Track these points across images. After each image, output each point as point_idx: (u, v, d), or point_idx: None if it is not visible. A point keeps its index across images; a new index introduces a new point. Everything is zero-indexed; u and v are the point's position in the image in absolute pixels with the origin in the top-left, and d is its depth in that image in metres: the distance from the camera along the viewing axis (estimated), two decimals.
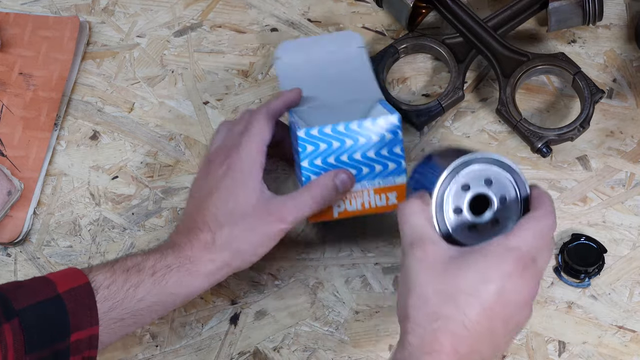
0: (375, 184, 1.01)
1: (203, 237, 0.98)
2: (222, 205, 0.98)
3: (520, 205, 0.89)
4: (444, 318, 0.84)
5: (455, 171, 0.88)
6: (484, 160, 0.89)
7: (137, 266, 0.96)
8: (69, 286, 0.93)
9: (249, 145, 1.00)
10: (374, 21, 1.18)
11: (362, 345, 1.04)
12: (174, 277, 0.96)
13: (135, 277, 0.95)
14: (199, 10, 1.20)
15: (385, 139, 1.00)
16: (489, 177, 0.89)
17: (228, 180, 0.99)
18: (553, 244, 0.89)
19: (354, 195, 1.01)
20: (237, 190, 0.98)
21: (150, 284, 0.95)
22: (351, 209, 1.01)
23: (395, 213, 0.90)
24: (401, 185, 1.01)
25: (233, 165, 0.99)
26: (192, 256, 0.97)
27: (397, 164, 1.01)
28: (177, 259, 0.97)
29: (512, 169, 0.89)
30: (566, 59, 1.10)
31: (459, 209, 0.89)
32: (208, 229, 0.98)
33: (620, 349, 1.03)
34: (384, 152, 1.00)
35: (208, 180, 1.00)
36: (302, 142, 0.99)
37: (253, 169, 0.99)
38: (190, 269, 0.97)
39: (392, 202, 1.01)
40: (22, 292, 0.92)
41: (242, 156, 0.99)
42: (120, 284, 0.95)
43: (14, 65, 1.16)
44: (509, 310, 0.85)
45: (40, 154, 1.12)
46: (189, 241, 0.98)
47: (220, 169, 1.00)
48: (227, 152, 1.00)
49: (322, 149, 1.00)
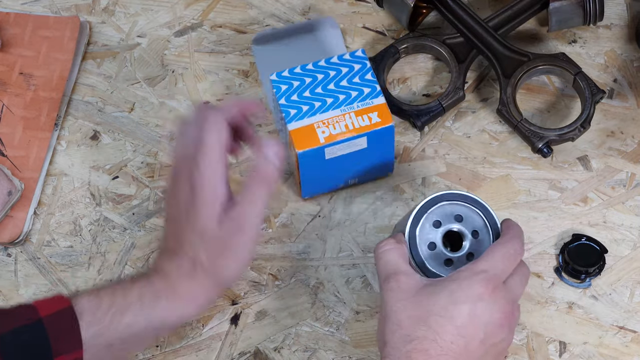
0: (355, 107, 1.04)
1: (184, 264, 0.94)
2: (193, 229, 0.94)
3: (492, 238, 0.96)
4: (418, 339, 0.88)
5: (425, 209, 0.96)
6: (452, 197, 0.97)
7: (123, 291, 0.93)
8: (51, 311, 0.90)
9: (207, 156, 0.94)
10: (375, 21, 1.18)
11: (363, 346, 1.04)
12: (162, 303, 0.93)
13: (121, 301, 0.92)
14: (199, 10, 1.20)
15: (354, 69, 1.05)
16: (459, 213, 0.97)
17: (195, 201, 0.94)
18: (525, 267, 0.94)
19: (336, 120, 1.03)
20: (203, 210, 0.94)
21: (138, 309, 0.93)
22: (336, 132, 1.03)
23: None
24: (381, 105, 1.04)
25: (195, 183, 0.94)
26: (176, 282, 0.94)
27: (371, 88, 1.05)
28: (164, 287, 0.94)
29: (481, 205, 0.96)
30: (567, 59, 1.10)
31: (433, 244, 0.96)
32: (185, 253, 0.94)
33: (621, 349, 1.03)
34: (356, 80, 1.05)
35: (177, 200, 0.96)
36: (276, 83, 1.04)
37: (215, 182, 0.94)
38: (176, 295, 0.94)
39: (376, 121, 1.03)
40: (2, 318, 0.90)
41: (202, 170, 0.94)
42: (105, 308, 0.92)
43: (14, 65, 1.16)
44: (484, 330, 0.89)
45: (41, 154, 1.12)
46: (171, 267, 0.94)
47: (185, 187, 0.95)
48: (188, 165, 0.95)
49: (296, 85, 1.05)
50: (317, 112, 1.03)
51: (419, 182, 1.10)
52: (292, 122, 1.03)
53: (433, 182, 1.10)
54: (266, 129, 1.13)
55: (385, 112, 1.03)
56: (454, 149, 1.12)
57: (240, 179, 1.11)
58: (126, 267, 1.08)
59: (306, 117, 1.03)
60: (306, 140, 1.03)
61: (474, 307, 0.88)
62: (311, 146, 1.02)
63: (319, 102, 1.04)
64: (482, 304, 0.88)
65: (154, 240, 1.09)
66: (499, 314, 0.89)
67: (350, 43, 1.17)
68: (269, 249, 1.08)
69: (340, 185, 1.10)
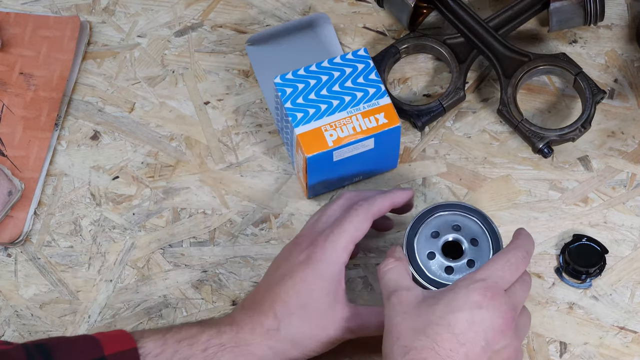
0: (361, 108, 1.04)
1: (267, 323, 0.94)
2: (295, 296, 0.95)
3: (491, 244, 0.98)
4: (416, 349, 0.88)
5: (422, 219, 0.98)
6: (448, 206, 0.98)
7: (190, 339, 0.93)
8: (116, 349, 0.90)
9: (338, 240, 0.96)
10: (375, 21, 1.18)
11: (363, 347, 1.04)
12: (226, 356, 0.93)
13: (186, 350, 0.92)
14: (199, 10, 1.20)
15: (358, 69, 1.05)
16: (456, 222, 0.98)
17: (307, 270, 0.95)
18: (527, 274, 0.94)
19: (343, 123, 1.03)
20: (314, 284, 0.95)
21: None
22: (343, 135, 1.03)
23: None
24: (387, 105, 1.04)
25: (314, 256, 0.96)
26: (250, 339, 0.94)
27: (376, 88, 1.04)
28: (233, 339, 0.94)
29: (478, 213, 0.98)
30: (567, 60, 1.10)
31: (433, 254, 0.98)
32: (274, 315, 0.94)
33: (621, 349, 1.03)
34: (360, 80, 1.05)
35: (287, 263, 0.97)
36: (280, 86, 1.04)
37: (335, 265, 0.96)
38: (245, 352, 0.94)
39: (383, 122, 1.03)
40: (67, 349, 0.89)
41: (327, 249, 0.96)
42: (168, 355, 0.92)
43: (14, 65, 1.16)
44: (485, 337, 0.88)
45: (41, 154, 1.12)
46: (251, 324, 0.95)
47: (301, 255, 0.96)
48: (314, 239, 0.97)
49: (301, 88, 1.04)
50: (324, 115, 1.03)
51: (420, 182, 1.10)
52: (299, 126, 1.03)
53: (434, 182, 1.10)
54: (266, 129, 1.13)
55: (391, 113, 1.03)
56: (455, 149, 1.12)
57: (241, 180, 1.11)
58: (126, 268, 1.08)
59: (313, 121, 1.03)
60: (314, 144, 1.02)
61: (472, 314, 0.88)
62: (320, 150, 1.02)
63: (325, 105, 1.03)
64: (481, 311, 0.88)
65: (154, 241, 1.09)
66: (500, 319, 0.89)
67: (351, 43, 1.17)
68: (269, 249, 1.08)
69: (345, 184, 1.10)
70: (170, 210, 1.10)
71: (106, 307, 1.06)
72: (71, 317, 1.06)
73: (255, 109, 1.14)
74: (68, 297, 1.07)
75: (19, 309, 1.07)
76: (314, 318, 0.95)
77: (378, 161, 1.07)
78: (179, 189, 1.11)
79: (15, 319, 1.06)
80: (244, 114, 1.14)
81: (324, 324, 0.95)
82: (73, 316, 1.06)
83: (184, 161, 1.12)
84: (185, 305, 1.06)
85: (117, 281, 1.08)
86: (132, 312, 1.06)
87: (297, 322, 0.94)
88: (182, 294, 1.07)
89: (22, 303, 1.07)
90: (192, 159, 1.12)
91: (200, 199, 1.10)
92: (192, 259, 1.08)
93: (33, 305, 1.07)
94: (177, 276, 1.08)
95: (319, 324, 0.95)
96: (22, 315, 1.06)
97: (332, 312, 0.95)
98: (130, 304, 1.07)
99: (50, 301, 1.07)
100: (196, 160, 1.12)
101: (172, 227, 1.09)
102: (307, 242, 0.97)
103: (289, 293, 0.95)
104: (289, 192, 1.10)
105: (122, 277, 1.08)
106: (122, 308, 1.06)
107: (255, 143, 1.13)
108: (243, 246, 1.08)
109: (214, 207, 1.10)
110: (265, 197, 1.10)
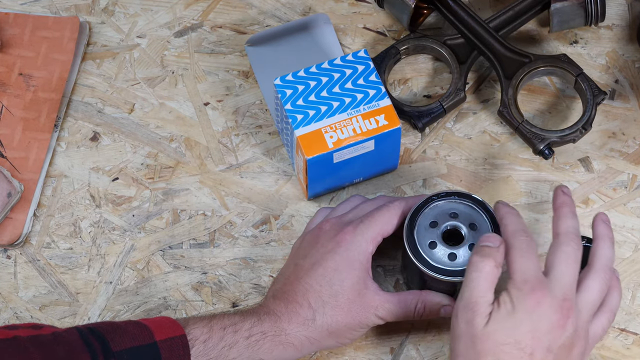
0: (361, 110, 1.04)
1: (303, 313, 0.96)
2: (327, 285, 0.96)
3: (490, 226, 0.98)
4: None
5: (417, 212, 0.99)
6: (442, 196, 0.99)
7: (234, 326, 0.95)
8: (166, 336, 0.92)
9: (368, 230, 0.98)
10: (375, 22, 1.18)
11: (363, 348, 1.03)
12: (267, 344, 0.95)
13: (231, 337, 0.95)
14: (199, 10, 1.19)
15: (358, 70, 1.05)
16: (453, 210, 0.99)
17: (337, 258, 0.97)
18: (560, 247, 0.92)
19: (343, 124, 1.03)
20: (344, 272, 0.97)
21: (244, 346, 0.95)
22: (344, 137, 1.03)
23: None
24: (387, 107, 1.04)
25: (344, 243, 0.97)
26: (288, 329, 0.96)
27: (376, 90, 1.04)
28: (273, 328, 0.96)
29: (473, 198, 0.99)
30: (568, 60, 1.10)
31: (434, 243, 0.98)
32: (309, 305, 0.96)
33: (622, 351, 1.03)
34: (360, 82, 1.05)
35: (315, 251, 0.98)
36: (280, 88, 1.04)
37: (363, 255, 0.97)
38: (284, 341, 0.96)
39: (383, 124, 1.03)
40: (120, 334, 0.91)
41: (357, 237, 0.98)
42: (215, 341, 0.94)
43: (13, 65, 1.16)
44: (547, 338, 0.88)
45: (40, 155, 1.12)
46: (288, 313, 0.96)
47: (330, 243, 0.98)
48: (344, 227, 0.99)
49: (301, 89, 1.04)
50: (324, 117, 1.03)
51: (420, 183, 1.10)
52: (299, 128, 1.03)
53: (434, 183, 1.10)
54: (266, 130, 1.13)
55: (391, 114, 1.03)
56: (455, 150, 1.11)
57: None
58: (126, 269, 1.08)
59: (313, 122, 1.03)
60: (315, 145, 1.02)
61: (532, 323, 0.88)
62: (320, 152, 1.02)
63: (325, 106, 1.03)
64: (535, 315, 0.88)
65: (154, 242, 1.09)
66: (556, 315, 0.88)
67: (351, 44, 1.17)
68: (270, 250, 1.08)
69: (345, 185, 1.10)
70: (170, 212, 1.10)
71: (106, 309, 1.06)
72: (71, 319, 1.06)
73: (255, 110, 1.14)
74: (68, 299, 1.07)
75: (19, 310, 1.07)
76: (345, 306, 0.97)
77: (378, 163, 1.07)
78: (178, 190, 1.11)
79: (15, 320, 1.06)
80: (244, 115, 1.14)
81: (356, 312, 0.97)
82: (73, 318, 1.06)
83: (184, 162, 1.12)
84: (185, 307, 1.06)
85: (116, 283, 1.07)
86: (132, 314, 1.06)
87: (331, 311, 0.96)
88: (182, 296, 1.07)
89: (21, 305, 1.07)
90: (192, 160, 1.12)
91: (200, 200, 1.10)
92: (192, 261, 1.08)
93: (32, 307, 1.07)
94: (177, 278, 1.07)
95: (350, 312, 0.97)
96: (22, 317, 1.06)
97: (362, 300, 0.97)
98: (130, 306, 1.06)
99: (49, 303, 1.07)
100: (196, 161, 1.12)
101: (172, 228, 1.09)
102: (336, 229, 0.99)
103: (321, 283, 0.97)
104: (289, 194, 1.10)
105: (122, 279, 1.07)
106: (121, 310, 1.06)
107: (255, 144, 1.12)
108: (243, 248, 1.08)
109: (214, 209, 1.10)
110: (265, 198, 1.10)
